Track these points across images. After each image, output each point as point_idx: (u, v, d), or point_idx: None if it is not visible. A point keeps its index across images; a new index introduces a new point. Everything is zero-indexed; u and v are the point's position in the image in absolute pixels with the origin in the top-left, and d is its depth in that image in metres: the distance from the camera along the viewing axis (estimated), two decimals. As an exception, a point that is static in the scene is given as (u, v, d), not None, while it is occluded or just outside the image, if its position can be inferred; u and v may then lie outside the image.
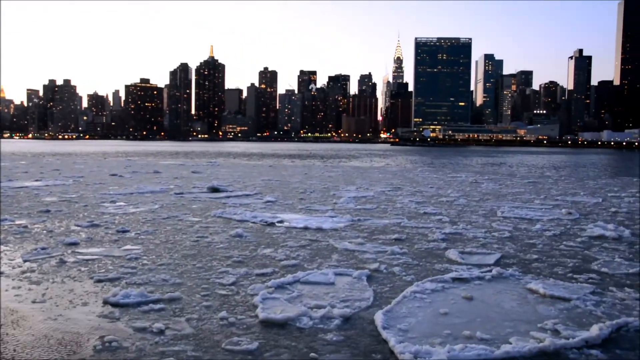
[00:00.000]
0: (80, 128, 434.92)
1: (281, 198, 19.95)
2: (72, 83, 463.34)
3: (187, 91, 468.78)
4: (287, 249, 10.74)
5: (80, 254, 9.93)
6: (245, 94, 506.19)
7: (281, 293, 7.65)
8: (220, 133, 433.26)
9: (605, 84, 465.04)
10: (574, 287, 8.15)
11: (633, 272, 9.18)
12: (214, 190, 21.75)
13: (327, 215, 15.31)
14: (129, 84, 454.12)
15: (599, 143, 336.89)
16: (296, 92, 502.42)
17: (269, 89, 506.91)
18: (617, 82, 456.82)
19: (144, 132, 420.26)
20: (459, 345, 5.72)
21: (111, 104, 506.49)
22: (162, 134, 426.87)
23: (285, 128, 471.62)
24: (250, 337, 5.99)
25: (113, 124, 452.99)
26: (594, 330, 6.19)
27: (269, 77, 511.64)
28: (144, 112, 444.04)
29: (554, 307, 7.22)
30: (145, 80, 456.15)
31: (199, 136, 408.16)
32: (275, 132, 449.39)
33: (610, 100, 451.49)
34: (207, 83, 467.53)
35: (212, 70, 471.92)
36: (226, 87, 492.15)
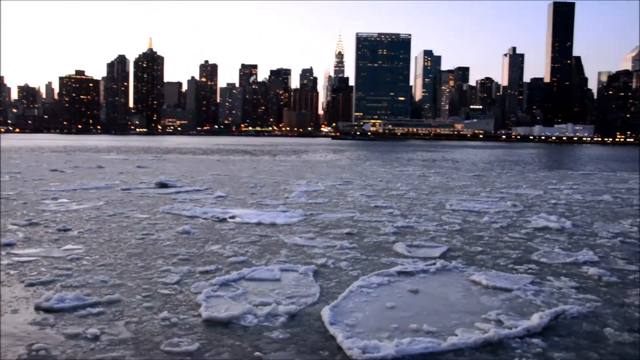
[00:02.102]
0: (9, 121, 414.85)
1: (232, 193, 19.59)
2: (0, 74, 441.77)
3: (125, 84, 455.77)
4: (235, 245, 10.50)
5: (16, 256, 9.23)
6: (185, 87, 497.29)
7: (226, 291, 7.44)
8: (160, 127, 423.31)
9: (536, 81, 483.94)
10: (515, 278, 8.35)
11: (570, 262, 9.50)
12: (162, 185, 21.10)
13: (278, 210, 15.13)
14: (63, 75, 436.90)
15: (531, 137, 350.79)
16: (237, 85, 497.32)
17: (209, 83, 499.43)
18: (547, 80, 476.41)
19: (79, 126, 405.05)
20: (407, 339, 5.71)
21: (44, 96, 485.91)
22: (99, 127, 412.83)
23: (226, 122, 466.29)
24: (191, 338, 5.78)
25: (46, 117, 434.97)
26: (535, 319, 6.35)
27: (209, 70, 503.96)
28: (79, 105, 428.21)
29: (497, 298, 7.36)
30: (80, 72, 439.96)
31: (138, 130, 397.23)
32: (216, 126, 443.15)
33: (541, 97, 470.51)
34: (145, 76, 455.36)
35: (151, 62, 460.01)
36: (165, 80, 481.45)
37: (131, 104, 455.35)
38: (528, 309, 6.92)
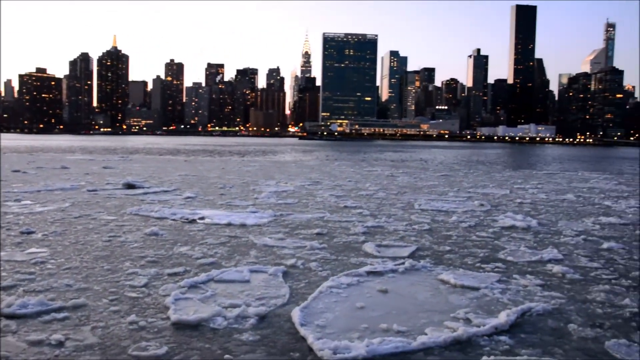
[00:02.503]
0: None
1: (201, 194, 19.35)
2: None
3: (89, 82, 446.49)
4: (205, 246, 10.37)
5: (-26, 260, 8.85)
6: (150, 86, 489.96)
7: (194, 293, 7.35)
8: (125, 126, 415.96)
9: (500, 82, 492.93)
10: (482, 276, 8.48)
11: (535, 260, 9.71)
12: (130, 186, 20.67)
13: (248, 211, 15.01)
14: (23, 73, 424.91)
15: (495, 138, 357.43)
16: (203, 85, 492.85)
17: (175, 82, 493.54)
18: (510, 81, 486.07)
19: (41, 125, 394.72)
20: (377, 339, 5.74)
21: (2, 94, 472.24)
22: (61, 127, 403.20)
23: (192, 122, 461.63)
24: (159, 341, 5.69)
25: (5, 116, 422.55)
26: (502, 317, 6.46)
27: (175, 69, 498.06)
28: (40, 104, 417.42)
29: (465, 297, 7.46)
30: (41, 70, 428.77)
31: (102, 130, 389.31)
32: (182, 126, 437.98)
33: (505, 98, 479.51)
34: (109, 74, 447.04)
35: (115, 61, 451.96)
36: (130, 79, 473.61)
37: (95, 103, 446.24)
38: (495, 307, 7.03)
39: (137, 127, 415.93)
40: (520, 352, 5.61)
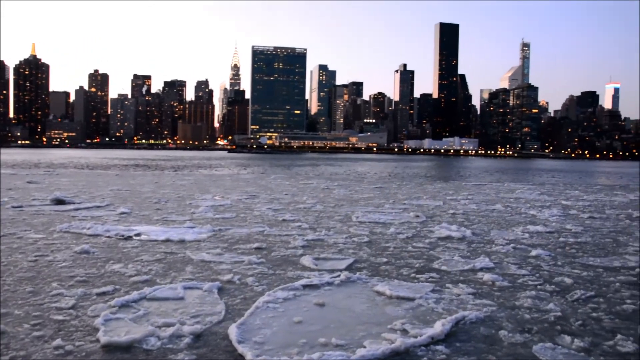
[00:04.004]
0: None
1: (136, 209, 18.61)
2: None
3: (4, 92, 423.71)
4: (139, 263, 9.95)
5: None
6: (73, 97, 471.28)
7: (126, 312, 7.02)
8: (45, 139, 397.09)
9: (425, 96, 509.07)
10: (417, 287, 8.61)
11: (467, 269, 9.99)
12: (59, 202, 19.50)
13: (186, 226, 14.59)
14: None
15: (422, 150, 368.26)
16: (130, 96, 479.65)
17: (99, 93, 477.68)
18: (435, 95, 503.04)
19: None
20: (317, 354, 5.69)
21: None
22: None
23: (118, 134, 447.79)
24: (90, 366, 5.38)
25: None
26: (438, 327, 6.57)
27: (99, 80, 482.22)
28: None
29: (401, 307, 7.54)
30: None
31: (19, 142, 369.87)
32: (107, 139, 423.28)
33: (430, 111, 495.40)
34: (28, 84, 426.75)
35: (34, 70, 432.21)
36: (51, 90, 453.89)
37: (12, 114, 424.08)
38: (431, 316, 7.15)
39: (58, 140, 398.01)
40: (456, 361, 5.72)
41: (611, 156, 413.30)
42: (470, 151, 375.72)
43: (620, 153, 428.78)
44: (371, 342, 6.14)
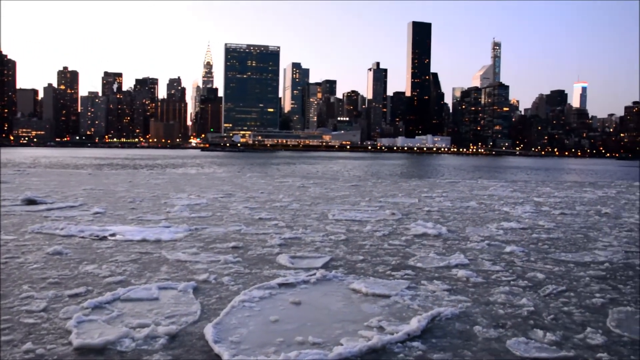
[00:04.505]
0: None
1: (110, 209, 18.26)
2: None
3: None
4: (113, 264, 9.77)
5: None
6: (41, 94, 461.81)
7: (99, 314, 6.90)
8: (12, 138, 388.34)
9: (398, 95, 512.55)
10: (393, 284, 8.66)
11: (443, 266, 10.07)
12: (30, 202, 18.98)
13: (161, 226, 14.38)
14: None
15: (395, 148, 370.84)
16: (100, 94, 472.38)
17: (69, 91, 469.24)
18: (408, 94, 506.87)
19: None
20: (294, 352, 5.68)
21: None
22: None
23: (89, 133, 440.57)
24: (62, 369, 5.27)
25: None
26: (414, 323, 6.61)
27: (69, 77, 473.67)
28: None
29: (377, 305, 7.57)
30: None
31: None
32: (77, 137, 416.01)
33: (403, 110, 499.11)
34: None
35: (0, 66, 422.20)
36: (18, 87, 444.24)
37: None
38: (407, 313, 7.20)
39: (26, 139, 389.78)
40: (432, 357, 5.76)
41: (579, 154, 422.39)
42: (442, 149, 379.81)
43: (588, 151, 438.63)
44: (348, 339, 6.15)
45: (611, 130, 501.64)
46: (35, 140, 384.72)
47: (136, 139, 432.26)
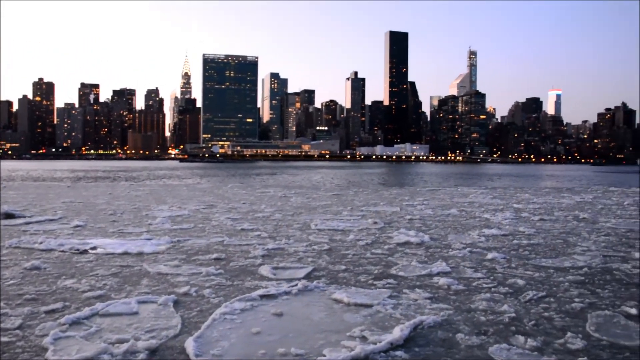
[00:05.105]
0: None
1: (91, 221, 17.92)
2: None
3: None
4: (93, 278, 9.57)
5: None
6: (16, 106, 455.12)
7: (77, 330, 6.75)
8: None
9: (377, 104, 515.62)
10: (375, 293, 8.64)
11: (424, 274, 10.08)
12: (8, 216, 18.48)
13: (143, 238, 14.17)
14: None
15: (374, 157, 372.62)
16: (77, 105, 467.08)
17: (45, 102, 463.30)
18: (386, 102, 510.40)
19: None
20: (277, 364, 5.63)
21: None
22: None
23: (65, 145, 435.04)
24: (40, 387, 5.15)
25: None
26: (396, 332, 6.60)
27: (44, 89, 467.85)
28: None
29: (359, 314, 7.55)
30: None
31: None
32: (54, 149, 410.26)
33: (382, 118, 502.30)
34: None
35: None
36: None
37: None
38: (389, 322, 7.18)
39: (0, 151, 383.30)
40: (416, 366, 5.76)
41: (555, 160, 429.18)
42: (421, 157, 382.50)
43: (564, 157, 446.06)
44: (331, 350, 6.11)
45: (585, 136, 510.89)
46: (9, 152, 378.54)
47: (114, 151, 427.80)
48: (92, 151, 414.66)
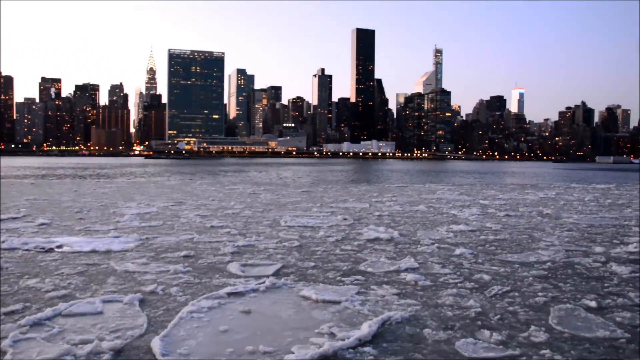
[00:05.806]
0: None
1: (56, 219, 17.43)
2: None
3: None
4: (57, 277, 9.30)
5: None
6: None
7: (38, 332, 6.56)
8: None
9: (343, 101, 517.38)
10: (343, 290, 8.65)
11: (392, 270, 10.13)
12: None
13: (111, 236, 13.86)
14: None
15: (341, 153, 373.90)
16: (37, 100, 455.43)
17: (3, 97, 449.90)
18: (353, 99, 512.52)
19: None
20: (245, 363, 5.58)
21: None
22: None
23: (25, 141, 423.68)
24: (-2, 392, 4.98)
25: None
26: (365, 328, 6.62)
27: (2, 82, 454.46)
28: None
29: (327, 311, 7.55)
30: None
31: None
32: (13, 145, 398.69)
33: (348, 115, 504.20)
34: None
35: None
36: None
37: None
38: (357, 318, 7.20)
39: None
40: (384, 361, 5.79)
41: (518, 157, 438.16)
42: (387, 154, 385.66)
43: (526, 154, 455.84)
44: (299, 347, 6.10)
45: (547, 134, 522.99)
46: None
47: (77, 147, 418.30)
48: (54, 147, 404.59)
